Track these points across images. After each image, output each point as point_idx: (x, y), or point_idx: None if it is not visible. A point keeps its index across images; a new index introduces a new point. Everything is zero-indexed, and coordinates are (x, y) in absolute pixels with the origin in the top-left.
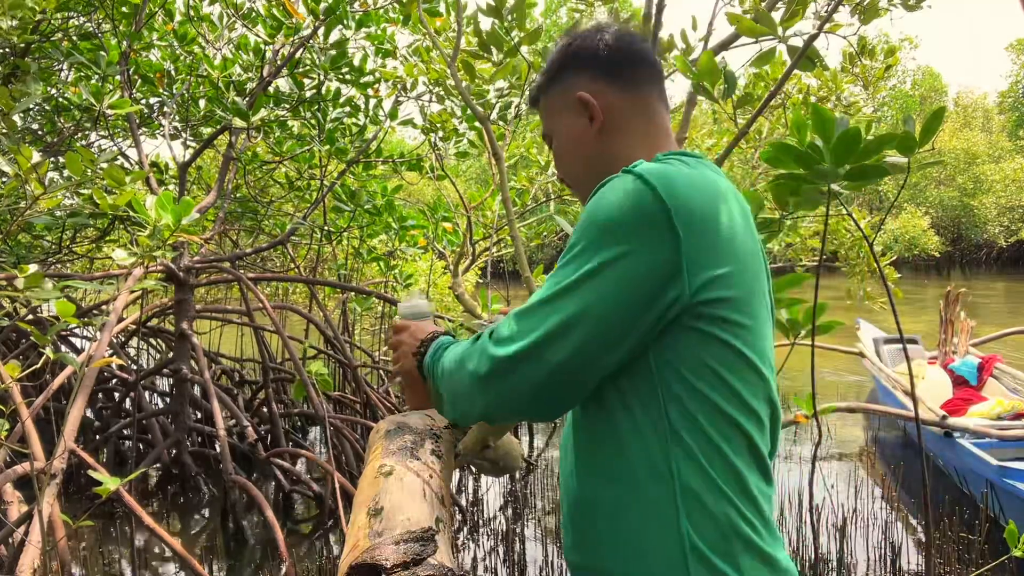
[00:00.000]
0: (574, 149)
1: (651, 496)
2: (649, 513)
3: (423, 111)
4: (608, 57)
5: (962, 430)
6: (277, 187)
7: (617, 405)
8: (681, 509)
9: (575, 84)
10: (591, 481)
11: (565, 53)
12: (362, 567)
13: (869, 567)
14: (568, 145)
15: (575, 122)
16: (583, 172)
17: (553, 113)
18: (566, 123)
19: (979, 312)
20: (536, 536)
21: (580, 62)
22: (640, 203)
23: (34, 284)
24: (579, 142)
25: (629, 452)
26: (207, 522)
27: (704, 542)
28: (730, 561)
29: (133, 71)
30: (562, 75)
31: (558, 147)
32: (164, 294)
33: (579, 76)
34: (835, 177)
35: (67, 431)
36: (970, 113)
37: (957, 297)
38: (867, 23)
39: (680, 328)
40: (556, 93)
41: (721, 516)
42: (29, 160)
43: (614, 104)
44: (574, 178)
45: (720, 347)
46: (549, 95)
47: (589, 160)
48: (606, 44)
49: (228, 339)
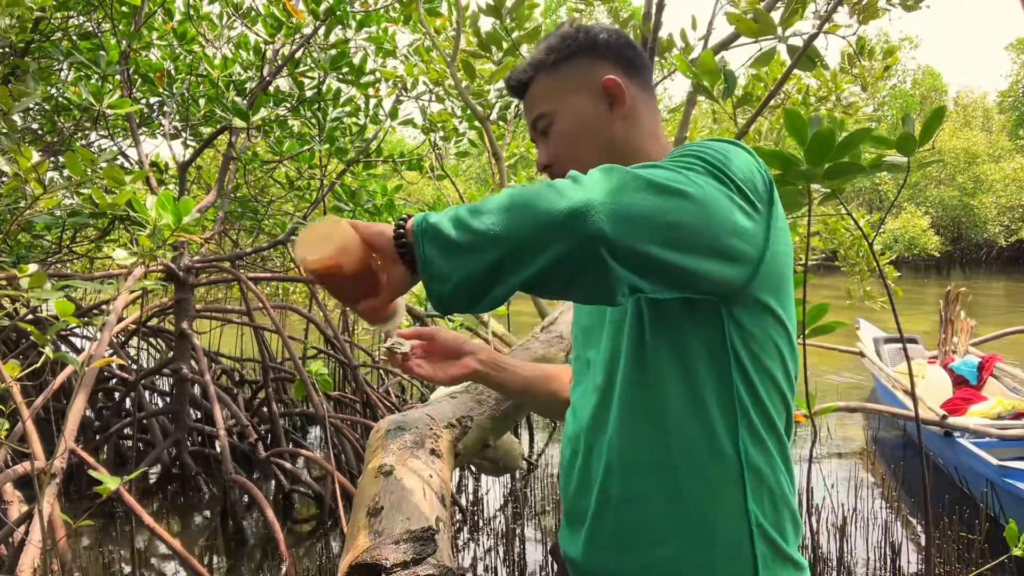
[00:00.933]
0: (587, 133)
1: (713, 478)
2: (715, 497)
3: (423, 111)
4: (626, 52)
5: (962, 429)
6: (277, 187)
7: (676, 382)
8: (748, 488)
9: (598, 68)
10: (640, 472)
11: (580, 38)
12: (362, 567)
13: (869, 566)
14: (579, 128)
15: (591, 106)
16: (592, 158)
17: (559, 93)
18: (579, 105)
19: (979, 312)
20: (536, 536)
21: (601, 50)
22: (760, 169)
23: (36, 284)
24: (596, 126)
25: (688, 434)
26: (207, 522)
27: (766, 519)
28: (782, 533)
29: (133, 71)
30: (577, 58)
31: (563, 129)
32: (164, 294)
33: (602, 62)
34: (813, 177)
35: (67, 431)
36: (970, 112)
37: (957, 297)
38: (866, 23)
39: (753, 302)
40: (569, 74)
41: (776, 490)
42: (29, 160)
43: (636, 96)
44: (577, 164)
45: (778, 324)
46: (556, 75)
47: (604, 146)
48: (624, 40)
49: (228, 339)
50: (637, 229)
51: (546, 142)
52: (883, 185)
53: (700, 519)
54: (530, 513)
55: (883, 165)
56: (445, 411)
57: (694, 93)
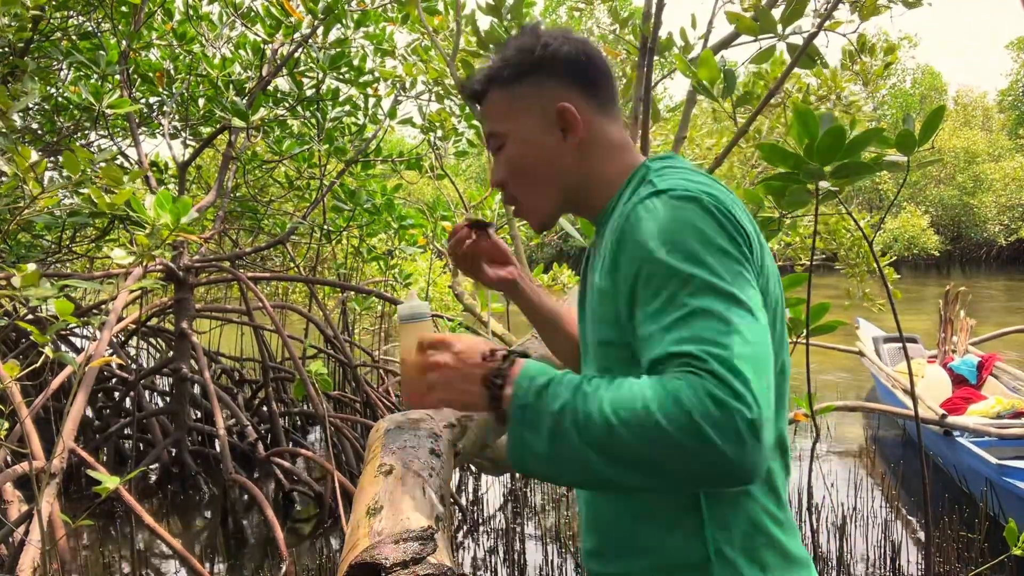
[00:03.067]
0: (539, 161)
1: (669, 502)
2: (671, 521)
3: (422, 110)
4: (586, 67)
5: (962, 429)
6: (277, 186)
7: None
8: (706, 514)
9: (552, 91)
10: None
11: (538, 52)
12: (362, 566)
13: (869, 566)
14: (530, 155)
15: (543, 132)
16: (545, 189)
17: (511, 114)
18: (531, 130)
19: (979, 311)
20: (536, 535)
21: (558, 67)
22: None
23: (31, 283)
24: (547, 154)
25: None
26: (207, 521)
27: (729, 545)
28: (755, 560)
29: (132, 70)
30: (533, 76)
31: (514, 155)
32: (164, 293)
33: (556, 83)
34: (821, 176)
35: (67, 430)
36: (970, 112)
37: (957, 296)
38: (866, 19)
39: None
40: (523, 94)
41: (746, 516)
42: (27, 159)
43: (592, 120)
44: (527, 192)
45: None
46: (510, 93)
47: (558, 176)
48: (585, 54)
49: (228, 338)
50: None
51: (498, 162)
52: (883, 184)
53: (658, 542)
54: (530, 513)
55: (883, 164)
56: (445, 411)
57: (694, 92)
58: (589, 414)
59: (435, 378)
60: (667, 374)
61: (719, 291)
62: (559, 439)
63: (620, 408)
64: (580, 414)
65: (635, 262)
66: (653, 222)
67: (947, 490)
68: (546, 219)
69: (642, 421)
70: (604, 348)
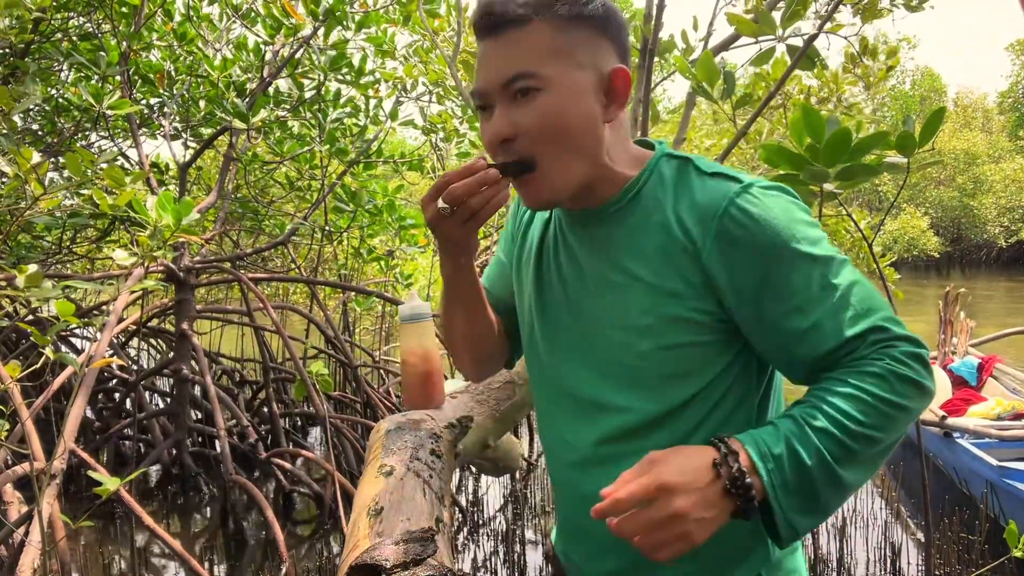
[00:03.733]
0: (584, 127)
1: None
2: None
3: (423, 112)
4: (627, 40)
5: (962, 430)
6: (277, 187)
7: (714, 400)
8: None
9: (607, 51)
10: None
11: (599, 3)
12: (362, 567)
13: (869, 567)
14: (577, 116)
15: (592, 95)
16: (580, 158)
17: (560, 58)
18: (582, 85)
19: (979, 312)
20: (536, 537)
21: (612, 29)
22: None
23: (33, 284)
24: (593, 122)
25: None
26: (207, 522)
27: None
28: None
29: (133, 71)
30: (592, 25)
31: (553, 107)
32: (164, 294)
33: (609, 44)
34: (826, 177)
35: (67, 431)
36: (970, 113)
37: (957, 297)
38: (868, 22)
39: None
40: (579, 41)
41: None
42: (29, 161)
43: None
44: (557, 155)
45: None
46: (563, 34)
47: (595, 147)
48: (625, 24)
49: (228, 339)
50: None
51: (515, 109)
52: (883, 186)
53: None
54: (530, 514)
55: (883, 166)
56: (445, 411)
57: (693, 94)
58: (847, 447)
59: (683, 527)
60: (864, 360)
61: (843, 261)
62: (835, 486)
63: (867, 418)
64: (838, 452)
65: (759, 259)
66: (769, 215)
67: (947, 492)
68: (563, 194)
69: (893, 415)
70: (675, 352)
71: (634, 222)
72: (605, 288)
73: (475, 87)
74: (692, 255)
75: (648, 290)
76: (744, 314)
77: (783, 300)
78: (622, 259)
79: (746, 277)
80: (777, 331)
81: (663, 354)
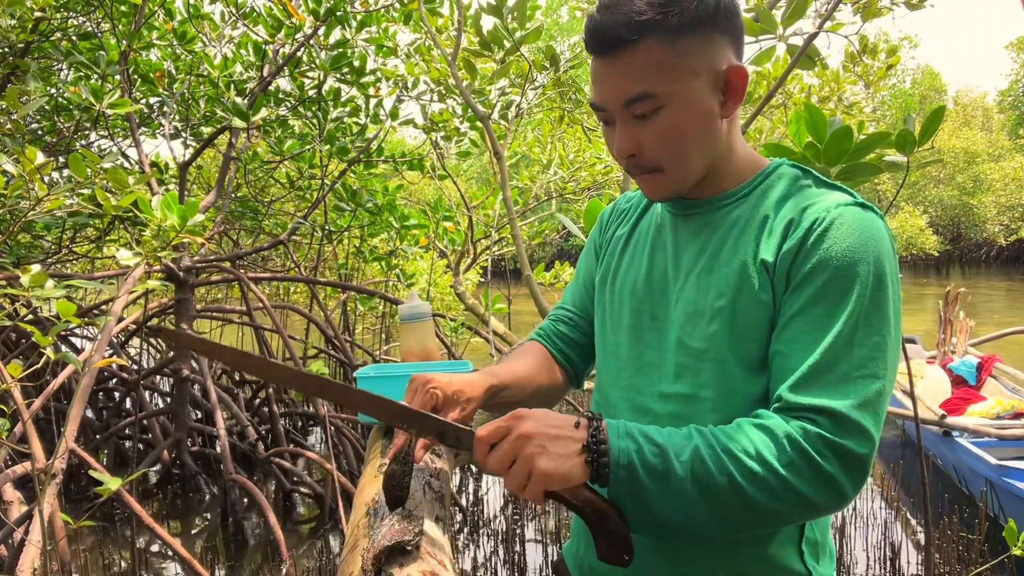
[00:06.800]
0: (702, 131)
1: None
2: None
3: (424, 110)
4: (740, 25)
5: (961, 429)
6: (278, 187)
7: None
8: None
9: (720, 48)
10: None
11: (710, 3)
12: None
13: (868, 566)
14: (696, 124)
15: (709, 95)
16: (700, 157)
17: (675, 72)
18: (697, 93)
19: (978, 311)
20: (536, 537)
21: (722, 21)
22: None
23: (36, 284)
24: (711, 124)
25: None
26: (207, 522)
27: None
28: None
29: (133, 71)
30: (702, 28)
31: (676, 122)
32: (164, 294)
33: (722, 38)
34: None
35: (67, 431)
36: (970, 112)
37: (956, 297)
38: (868, 20)
39: None
40: (690, 49)
41: None
42: (33, 161)
43: None
44: (679, 159)
45: None
46: (674, 46)
47: (713, 146)
48: (736, 6)
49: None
50: None
51: (636, 128)
52: (881, 185)
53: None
54: (530, 514)
55: (884, 165)
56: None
57: None
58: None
59: (527, 448)
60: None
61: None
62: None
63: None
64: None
65: (833, 263)
66: (867, 231)
67: (947, 491)
68: (684, 187)
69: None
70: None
71: (740, 213)
72: (692, 274)
73: (593, 101)
74: (782, 248)
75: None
76: (784, 308)
77: (815, 306)
78: (717, 248)
79: (814, 278)
80: (782, 330)
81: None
